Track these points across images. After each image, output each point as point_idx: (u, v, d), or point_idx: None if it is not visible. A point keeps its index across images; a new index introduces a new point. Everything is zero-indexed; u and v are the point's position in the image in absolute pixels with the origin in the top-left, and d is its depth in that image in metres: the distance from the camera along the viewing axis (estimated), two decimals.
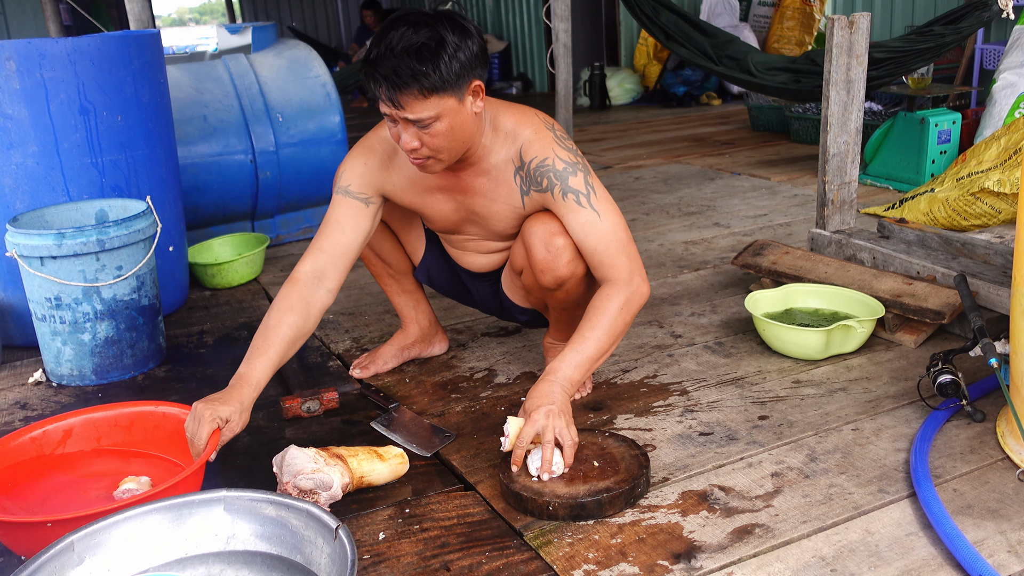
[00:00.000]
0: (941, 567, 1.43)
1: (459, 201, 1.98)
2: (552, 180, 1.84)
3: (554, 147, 1.85)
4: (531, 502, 1.62)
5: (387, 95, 1.68)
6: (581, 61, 8.65)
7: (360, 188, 1.96)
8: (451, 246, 2.17)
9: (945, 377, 1.90)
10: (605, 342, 1.80)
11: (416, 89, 1.66)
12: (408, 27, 1.67)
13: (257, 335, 1.84)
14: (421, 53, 1.64)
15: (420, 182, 1.97)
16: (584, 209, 1.84)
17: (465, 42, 1.69)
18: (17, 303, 2.59)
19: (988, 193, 3.18)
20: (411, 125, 1.72)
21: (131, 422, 1.89)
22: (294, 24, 12.79)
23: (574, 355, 1.78)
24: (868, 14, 2.67)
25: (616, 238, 1.85)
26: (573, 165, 1.85)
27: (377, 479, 1.74)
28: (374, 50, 1.68)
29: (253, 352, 1.82)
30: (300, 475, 1.62)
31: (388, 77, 1.65)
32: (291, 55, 3.77)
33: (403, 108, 1.69)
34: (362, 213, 1.96)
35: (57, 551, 1.33)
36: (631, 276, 1.84)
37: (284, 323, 1.84)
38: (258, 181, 3.52)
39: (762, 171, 4.74)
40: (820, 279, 2.56)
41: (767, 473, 1.74)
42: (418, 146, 1.75)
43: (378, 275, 2.31)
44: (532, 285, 2.00)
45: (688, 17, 5.10)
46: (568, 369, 1.77)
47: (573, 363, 1.78)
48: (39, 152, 2.46)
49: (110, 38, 2.55)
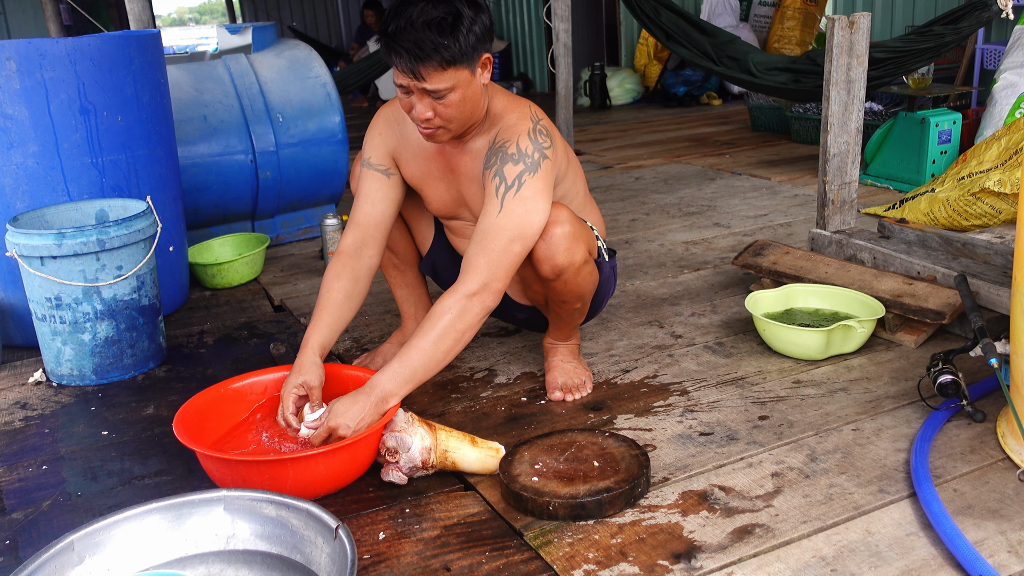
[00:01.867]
0: (941, 567, 1.43)
1: (450, 181, 2.03)
2: (495, 161, 1.86)
3: (523, 135, 1.86)
4: (531, 502, 1.62)
5: (407, 67, 1.73)
6: (581, 61, 8.66)
7: (379, 160, 2.04)
8: (452, 233, 2.20)
9: (945, 377, 1.90)
10: (434, 353, 1.75)
11: (437, 61, 1.72)
12: (426, 1, 1.72)
13: (317, 312, 1.96)
14: (442, 26, 1.70)
15: (422, 156, 2.02)
16: (493, 199, 1.82)
17: (479, 16, 1.76)
18: (17, 303, 2.59)
19: (989, 193, 3.17)
20: (426, 96, 1.77)
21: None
22: (294, 24, 12.79)
23: (398, 366, 1.74)
24: (868, 14, 2.67)
25: (495, 238, 1.79)
26: (525, 157, 1.83)
27: (463, 462, 1.74)
28: (392, 23, 1.72)
29: (311, 322, 1.95)
30: (388, 432, 1.71)
31: (411, 50, 1.70)
32: (291, 55, 3.77)
33: (423, 79, 1.74)
34: (386, 184, 2.04)
35: (57, 550, 1.33)
36: (481, 286, 1.77)
37: (333, 289, 1.96)
38: (258, 181, 3.52)
39: (762, 171, 4.74)
40: (820, 279, 2.56)
41: (767, 473, 1.73)
42: (431, 116, 1.80)
43: (383, 266, 2.32)
44: (531, 277, 2.00)
45: (688, 17, 5.10)
46: (388, 383, 1.73)
47: (395, 375, 1.74)
48: (39, 152, 2.46)
49: (110, 38, 2.55)
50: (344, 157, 3.72)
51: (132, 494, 1.81)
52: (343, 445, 1.65)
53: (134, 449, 2.00)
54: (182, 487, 1.80)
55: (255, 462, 1.66)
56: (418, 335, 1.76)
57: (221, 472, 1.68)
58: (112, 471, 1.91)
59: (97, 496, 1.81)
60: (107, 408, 2.23)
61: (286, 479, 1.62)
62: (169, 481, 1.85)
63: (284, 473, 1.62)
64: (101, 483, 1.86)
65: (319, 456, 1.63)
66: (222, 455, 1.70)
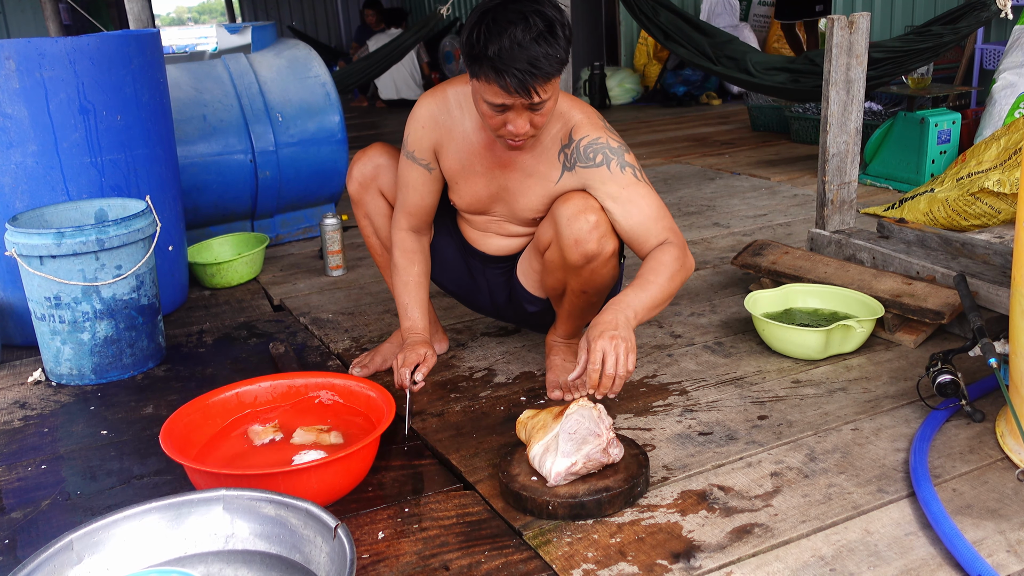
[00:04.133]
0: (940, 567, 1.43)
1: (494, 176, 2.02)
2: (608, 155, 1.91)
3: (605, 130, 1.96)
4: (531, 501, 1.62)
5: (520, 87, 1.69)
6: (581, 61, 8.65)
7: (422, 154, 2.05)
8: (472, 228, 2.20)
9: (944, 377, 1.90)
10: (665, 292, 1.82)
11: (552, 74, 1.71)
12: (520, 16, 1.67)
13: (400, 292, 2.11)
14: (548, 39, 1.68)
15: (466, 151, 2.02)
16: (641, 183, 1.91)
17: (562, 13, 1.74)
18: (16, 302, 2.59)
19: (988, 193, 3.17)
20: (526, 110, 1.76)
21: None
22: (294, 24, 12.78)
23: (639, 292, 1.79)
24: (868, 14, 2.67)
25: (667, 215, 1.92)
26: (624, 148, 1.95)
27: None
28: (492, 45, 1.66)
29: (407, 308, 2.10)
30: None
31: (526, 70, 1.67)
32: (291, 55, 3.77)
33: (536, 95, 1.72)
34: (428, 179, 2.08)
35: (56, 550, 1.33)
36: (685, 248, 1.89)
37: (412, 273, 2.11)
38: (258, 181, 3.51)
39: (762, 171, 4.74)
40: (820, 279, 2.56)
41: (766, 473, 1.74)
42: (529, 129, 1.80)
43: (383, 266, 2.33)
44: (556, 263, 1.99)
45: (687, 17, 5.09)
46: (634, 302, 1.78)
47: (638, 299, 1.78)
48: (38, 151, 2.46)
49: (110, 38, 2.54)
50: (344, 157, 3.72)
51: (131, 493, 1.81)
52: (338, 458, 1.63)
53: (133, 448, 2.00)
54: (181, 486, 1.80)
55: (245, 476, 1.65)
56: (651, 271, 1.82)
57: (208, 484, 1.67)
58: (111, 470, 1.91)
59: (96, 495, 1.81)
60: (106, 408, 2.23)
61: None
62: (168, 481, 1.85)
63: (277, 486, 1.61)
64: (100, 482, 1.86)
65: (311, 470, 1.62)
66: (232, 471, 1.69)
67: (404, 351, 2.01)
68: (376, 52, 6.17)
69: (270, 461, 1.80)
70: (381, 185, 2.20)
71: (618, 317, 1.74)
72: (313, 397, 2.00)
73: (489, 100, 1.74)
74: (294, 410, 1.98)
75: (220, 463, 1.80)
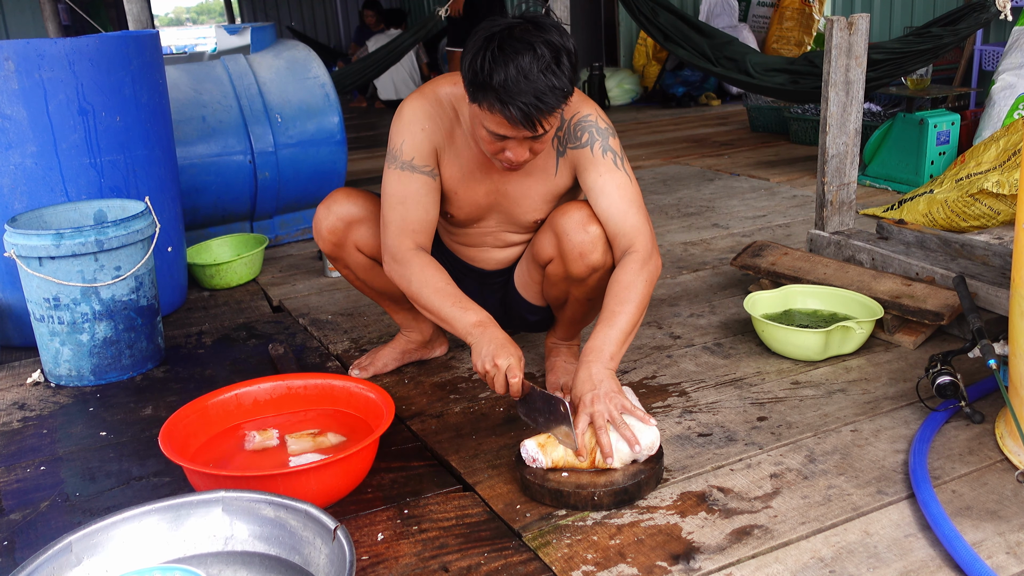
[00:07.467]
0: (940, 568, 1.43)
1: (494, 181, 1.95)
2: (593, 135, 1.86)
3: (596, 109, 1.90)
4: (574, 495, 1.63)
5: (523, 119, 1.62)
6: (580, 61, 8.63)
7: (424, 160, 1.89)
8: (466, 245, 2.12)
9: (944, 378, 1.90)
10: (635, 316, 1.77)
11: (557, 107, 1.65)
12: (527, 46, 1.60)
13: (443, 297, 1.81)
14: (555, 71, 1.61)
15: (466, 156, 1.92)
16: (619, 171, 1.86)
17: (567, 39, 1.67)
18: (15, 303, 2.59)
19: (987, 194, 3.18)
20: (527, 140, 1.71)
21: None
22: (293, 24, 12.78)
23: (608, 330, 1.74)
24: (867, 15, 2.67)
25: (642, 207, 1.87)
26: (611, 130, 1.90)
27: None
28: (497, 74, 1.59)
29: (460, 300, 1.81)
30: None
31: (532, 104, 1.60)
32: (290, 55, 3.77)
33: (540, 128, 1.66)
34: (432, 186, 1.91)
35: (55, 552, 1.33)
36: (651, 250, 1.84)
37: (444, 277, 1.85)
38: (257, 182, 3.51)
39: (761, 172, 4.74)
40: (819, 280, 2.56)
41: (766, 474, 1.73)
42: (529, 156, 1.75)
43: (375, 299, 2.26)
44: (559, 275, 1.97)
45: (686, 18, 5.09)
46: (606, 347, 1.73)
47: (609, 339, 1.74)
48: (37, 152, 2.46)
49: (109, 38, 2.54)
50: (343, 158, 3.72)
51: (130, 495, 1.80)
52: (337, 459, 1.63)
53: (132, 450, 2.00)
54: (180, 488, 1.80)
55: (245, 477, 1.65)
56: (616, 301, 1.76)
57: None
58: (110, 472, 1.91)
59: (95, 497, 1.81)
60: (105, 409, 2.23)
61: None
62: (167, 482, 1.85)
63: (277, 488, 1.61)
64: (99, 484, 1.86)
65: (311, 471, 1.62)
66: (236, 473, 1.69)
67: (493, 351, 1.71)
68: (375, 53, 6.17)
69: (269, 463, 1.80)
70: (357, 241, 2.07)
71: (593, 370, 1.71)
72: (312, 405, 1.99)
73: (490, 129, 1.69)
74: (292, 414, 1.98)
75: (219, 465, 1.80)
